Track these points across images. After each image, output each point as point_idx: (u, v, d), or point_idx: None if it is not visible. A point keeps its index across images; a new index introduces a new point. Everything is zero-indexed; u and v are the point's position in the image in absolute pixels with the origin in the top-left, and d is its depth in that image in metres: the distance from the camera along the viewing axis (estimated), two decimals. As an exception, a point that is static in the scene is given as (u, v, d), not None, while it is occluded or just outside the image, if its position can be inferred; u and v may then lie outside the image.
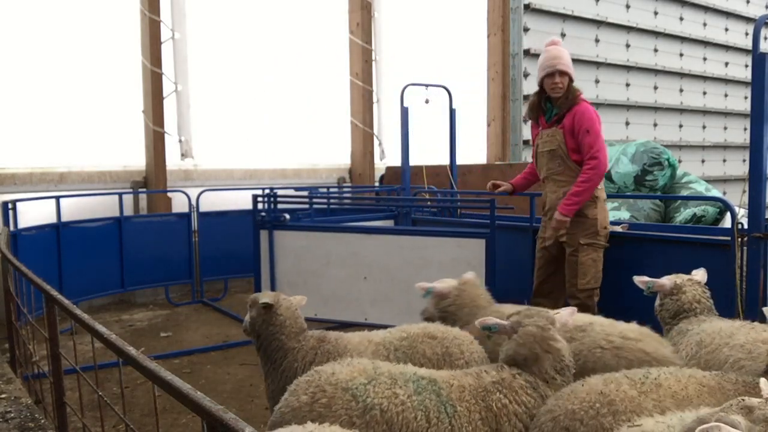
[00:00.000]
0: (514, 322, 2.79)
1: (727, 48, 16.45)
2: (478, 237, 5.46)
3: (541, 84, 4.71)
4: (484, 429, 2.45)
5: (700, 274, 3.68)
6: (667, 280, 3.64)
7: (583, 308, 4.22)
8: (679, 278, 3.63)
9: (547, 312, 2.86)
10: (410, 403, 2.44)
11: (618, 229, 5.29)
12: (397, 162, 8.49)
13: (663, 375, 2.44)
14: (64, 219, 6.99)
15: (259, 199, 6.31)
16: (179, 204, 8.35)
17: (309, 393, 2.47)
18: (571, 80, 4.64)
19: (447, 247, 5.54)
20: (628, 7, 13.98)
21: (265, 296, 3.35)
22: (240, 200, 8.32)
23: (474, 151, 11.64)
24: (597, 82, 13.50)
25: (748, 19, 16.57)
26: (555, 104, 4.62)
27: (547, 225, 4.71)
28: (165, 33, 8.44)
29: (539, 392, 2.57)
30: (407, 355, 3.16)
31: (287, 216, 6.22)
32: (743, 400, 1.77)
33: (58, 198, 6.94)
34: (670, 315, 3.57)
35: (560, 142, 4.55)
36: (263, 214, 6.21)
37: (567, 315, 2.94)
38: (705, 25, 15.89)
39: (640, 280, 3.69)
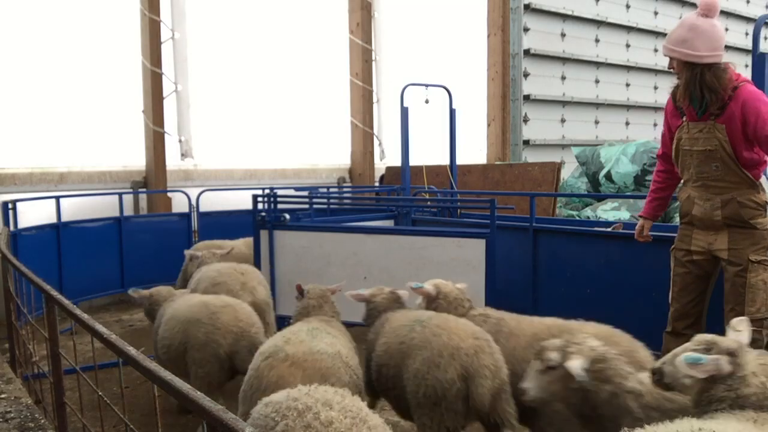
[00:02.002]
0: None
1: (727, 48, 16.40)
2: (478, 237, 5.46)
3: None
4: None
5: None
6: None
7: (750, 344, 3.68)
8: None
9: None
10: None
11: (610, 229, 5.31)
12: (397, 162, 8.49)
13: None
14: (64, 219, 6.99)
15: (259, 199, 6.31)
16: (179, 204, 8.35)
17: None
18: (692, 64, 3.61)
19: (447, 247, 5.54)
20: (628, 7, 13.99)
21: None
22: (240, 200, 8.33)
23: (474, 151, 11.65)
24: (597, 82, 13.50)
25: (748, 19, 16.57)
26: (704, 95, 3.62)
27: (696, 235, 3.77)
28: (165, 33, 8.45)
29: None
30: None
31: (287, 216, 6.22)
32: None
33: (58, 198, 6.95)
34: None
35: (722, 141, 3.56)
36: (263, 214, 6.21)
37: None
38: (705, 25, 15.87)
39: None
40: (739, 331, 2.45)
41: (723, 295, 3.73)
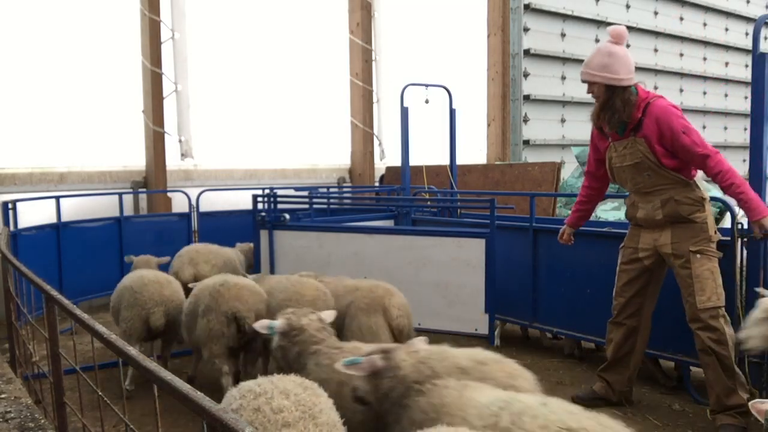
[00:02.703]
0: None
1: (727, 48, 16.44)
2: (478, 237, 5.47)
3: None
4: None
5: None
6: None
7: (708, 331, 3.80)
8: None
9: None
10: None
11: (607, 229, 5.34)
12: (397, 162, 8.49)
13: None
14: (64, 219, 6.99)
15: (259, 199, 6.32)
16: (179, 204, 8.35)
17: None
18: (612, 87, 3.96)
19: (447, 247, 5.54)
20: (628, 7, 13.98)
21: None
22: (240, 200, 8.33)
23: (474, 151, 11.65)
24: (597, 82, 13.48)
25: (748, 19, 16.56)
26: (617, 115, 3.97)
27: (642, 235, 4.11)
28: (165, 33, 8.44)
29: None
30: None
31: (287, 216, 6.23)
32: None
33: (58, 198, 6.94)
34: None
35: (645, 153, 3.91)
36: (263, 214, 6.22)
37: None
38: (705, 25, 15.88)
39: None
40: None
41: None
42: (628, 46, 4.19)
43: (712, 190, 8.74)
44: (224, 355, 4.14)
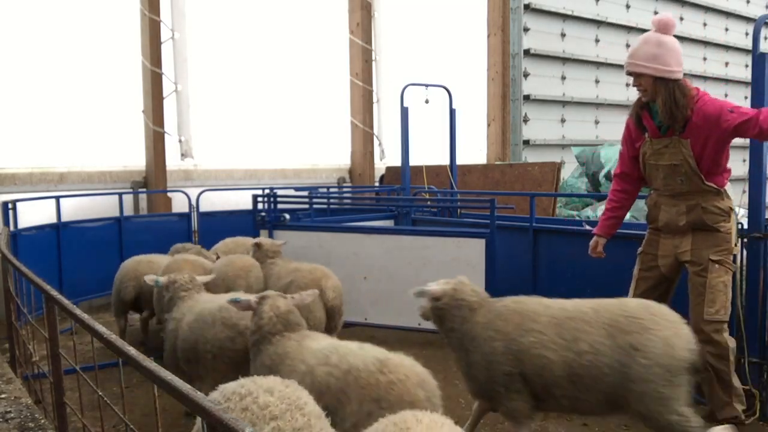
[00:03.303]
0: None
1: (727, 48, 16.45)
2: (478, 237, 5.47)
3: None
4: None
5: None
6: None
7: (710, 345, 3.62)
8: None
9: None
10: None
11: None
12: (397, 162, 8.49)
13: None
14: (64, 219, 6.99)
15: (259, 199, 6.32)
16: (179, 204, 8.36)
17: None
18: (660, 79, 3.66)
19: (447, 247, 5.54)
20: (628, 7, 13.99)
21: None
22: (240, 200, 8.33)
23: (474, 151, 11.65)
24: (597, 82, 13.51)
25: (748, 19, 16.58)
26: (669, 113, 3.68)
27: (663, 240, 3.90)
28: (165, 33, 8.45)
29: None
30: None
31: (287, 216, 6.23)
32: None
33: (58, 198, 6.95)
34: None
35: (687, 156, 3.65)
36: (263, 214, 6.22)
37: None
38: (705, 25, 15.89)
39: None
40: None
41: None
42: (628, 45, 4.06)
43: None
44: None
